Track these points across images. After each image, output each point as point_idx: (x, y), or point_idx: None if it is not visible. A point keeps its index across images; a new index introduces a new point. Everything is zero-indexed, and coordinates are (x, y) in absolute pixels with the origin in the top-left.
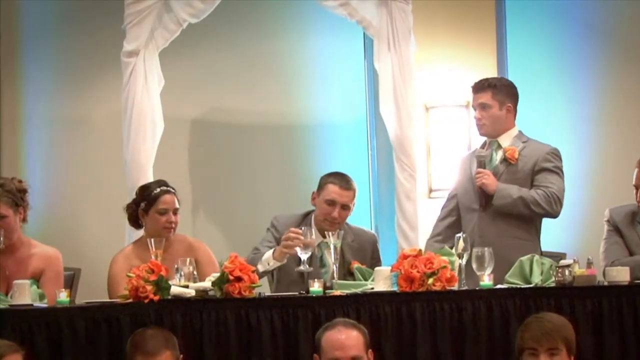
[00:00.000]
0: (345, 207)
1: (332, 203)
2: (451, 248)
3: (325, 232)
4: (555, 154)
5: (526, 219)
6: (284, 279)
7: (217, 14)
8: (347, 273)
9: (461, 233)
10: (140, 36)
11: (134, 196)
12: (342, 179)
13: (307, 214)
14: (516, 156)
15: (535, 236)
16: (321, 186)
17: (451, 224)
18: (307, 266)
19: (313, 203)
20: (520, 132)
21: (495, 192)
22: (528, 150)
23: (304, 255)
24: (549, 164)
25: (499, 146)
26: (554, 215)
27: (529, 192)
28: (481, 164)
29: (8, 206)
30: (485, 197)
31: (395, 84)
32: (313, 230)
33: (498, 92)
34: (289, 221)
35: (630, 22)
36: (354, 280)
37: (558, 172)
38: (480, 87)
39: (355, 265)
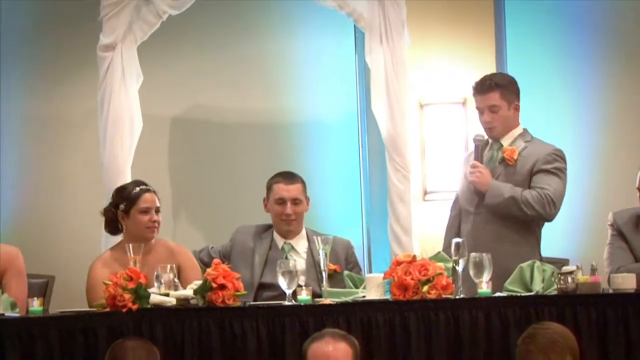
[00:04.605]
0: (297, 202)
1: (282, 201)
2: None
3: (316, 239)
4: (557, 155)
5: (525, 223)
6: (238, 261)
7: (199, 6)
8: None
9: (458, 238)
10: (118, 29)
11: (110, 199)
12: (285, 175)
13: (270, 225)
14: (515, 157)
15: (535, 243)
16: (268, 189)
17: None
18: None
19: (267, 210)
20: (525, 130)
21: (488, 190)
22: (529, 150)
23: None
24: (548, 165)
25: (501, 146)
26: (547, 218)
27: (523, 192)
28: (478, 149)
29: None
30: (479, 197)
31: (387, 79)
32: (275, 236)
33: (506, 91)
34: (246, 231)
35: (634, 22)
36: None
37: (557, 173)
38: (487, 87)
39: (346, 272)
